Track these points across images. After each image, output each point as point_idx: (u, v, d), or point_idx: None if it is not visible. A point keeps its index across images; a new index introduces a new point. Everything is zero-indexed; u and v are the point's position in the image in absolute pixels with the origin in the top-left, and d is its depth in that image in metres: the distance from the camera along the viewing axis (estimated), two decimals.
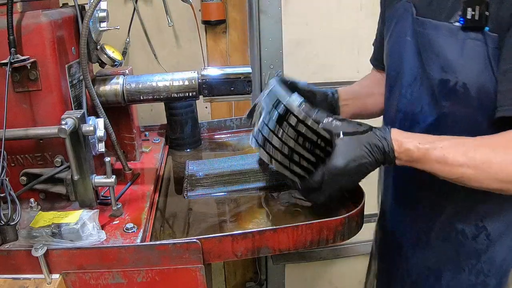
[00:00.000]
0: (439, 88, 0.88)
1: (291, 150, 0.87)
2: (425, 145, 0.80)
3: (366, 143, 0.82)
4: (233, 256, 0.85)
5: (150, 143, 1.41)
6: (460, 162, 0.77)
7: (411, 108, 0.96)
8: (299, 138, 0.87)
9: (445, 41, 0.86)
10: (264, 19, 1.68)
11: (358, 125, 0.85)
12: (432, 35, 0.88)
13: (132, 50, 1.69)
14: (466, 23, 0.82)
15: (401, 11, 0.98)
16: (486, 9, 0.79)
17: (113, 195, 0.95)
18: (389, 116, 1.06)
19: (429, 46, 0.89)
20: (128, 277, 0.82)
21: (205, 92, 1.12)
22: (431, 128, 0.91)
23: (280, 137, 0.87)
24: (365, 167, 0.82)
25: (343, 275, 2.21)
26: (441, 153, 0.79)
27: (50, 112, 0.95)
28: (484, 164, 0.76)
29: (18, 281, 0.81)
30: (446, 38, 0.85)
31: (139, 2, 1.64)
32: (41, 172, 0.96)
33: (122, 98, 1.12)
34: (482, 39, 0.80)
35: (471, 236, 0.93)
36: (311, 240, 0.86)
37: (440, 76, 0.87)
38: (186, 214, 1.08)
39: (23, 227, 0.87)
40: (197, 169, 1.27)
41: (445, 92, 0.87)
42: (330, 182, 0.83)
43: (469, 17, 0.81)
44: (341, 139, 0.82)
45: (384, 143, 0.82)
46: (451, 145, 0.79)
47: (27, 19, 0.91)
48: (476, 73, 0.83)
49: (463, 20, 0.82)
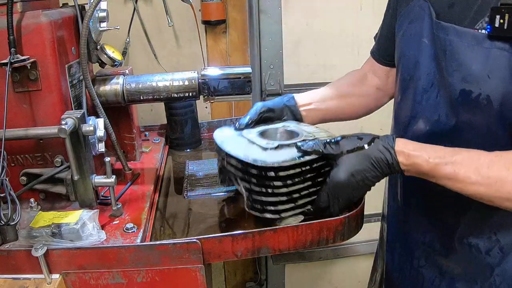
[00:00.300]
0: (460, 99, 0.83)
1: (297, 198, 0.89)
2: (435, 160, 0.78)
3: (369, 157, 0.81)
4: (233, 256, 0.85)
5: (150, 143, 1.41)
6: (472, 180, 0.75)
7: (427, 115, 0.91)
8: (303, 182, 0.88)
9: (468, 50, 0.80)
10: (264, 19, 1.68)
11: (358, 140, 0.84)
12: (454, 42, 0.82)
13: (132, 50, 1.69)
14: (494, 32, 0.76)
15: (416, 10, 0.93)
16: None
17: (113, 195, 0.95)
18: (400, 121, 1.01)
19: (450, 53, 0.83)
20: (128, 277, 0.82)
21: (205, 92, 1.12)
22: (448, 137, 0.87)
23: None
24: (369, 180, 0.82)
25: (343, 275, 2.20)
26: (452, 169, 0.76)
27: (50, 112, 0.95)
28: (497, 183, 0.74)
29: (18, 281, 0.81)
30: (470, 46, 0.80)
31: (139, 2, 1.64)
32: (41, 172, 0.96)
33: (122, 98, 1.12)
34: (509, 49, 0.75)
35: (485, 251, 0.90)
36: (311, 240, 0.86)
37: (462, 87, 0.82)
38: (186, 214, 1.08)
39: (23, 227, 0.87)
40: (197, 169, 1.27)
41: (465, 103, 0.82)
42: (336, 197, 0.84)
43: (497, 25, 0.75)
44: (342, 156, 0.83)
45: (388, 155, 0.80)
46: (463, 160, 0.76)
47: (27, 19, 0.91)
48: (501, 86, 0.77)
49: (490, 28, 0.76)
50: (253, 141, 0.95)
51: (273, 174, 0.85)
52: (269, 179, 0.86)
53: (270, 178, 0.86)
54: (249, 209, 0.92)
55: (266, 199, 0.88)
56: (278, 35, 1.70)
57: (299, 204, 0.89)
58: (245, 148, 0.93)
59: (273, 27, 1.69)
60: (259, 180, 0.87)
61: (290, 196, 0.88)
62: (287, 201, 0.88)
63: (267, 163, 0.85)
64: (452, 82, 0.83)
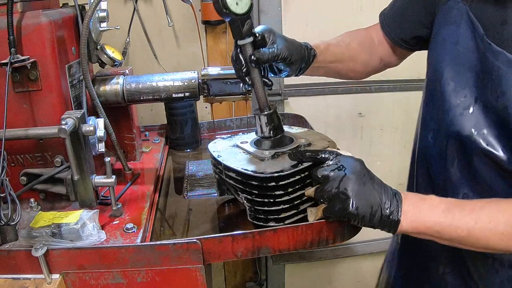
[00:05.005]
0: (499, 124, 0.79)
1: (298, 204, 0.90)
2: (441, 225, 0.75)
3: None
4: (233, 256, 0.85)
5: (150, 143, 1.41)
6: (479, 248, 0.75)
7: (457, 129, 0.85)
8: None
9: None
10: (264, 19, 1.68)
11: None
12: (504, 70, 0.77)
13: (132, 50, 1.69)
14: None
15: (453, 13, 0.87)
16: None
17: (113, 195, 0.95)
18: (428, 126, 0.96)
19: (497, 79, 0.78)
20: (128, 277, 0.82)
21: (205, 92, 1.12)
22: (478, 155, 0.83)
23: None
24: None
25: (343, 275, 2.21)
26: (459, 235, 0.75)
27: (50, 112, 0.95)
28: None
29: (18, 281, 0.81)
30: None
31: (139, 2, 1.64)
32: (41, 172, 0.96)
33: (122, 98, 1.12)
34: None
35: (508, 264, 0.88)
36: (311, 241, 0.86)
37: (503, 114, 0.77)
38: (186, 214, 1.08)
39: (23, 227, 0.87)
40: (197, 169, 1.27)
41: (504, 133, 0.78)
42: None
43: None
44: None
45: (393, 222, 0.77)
46: (471, 230, 0.74)
47: (27, 19, 0.91)
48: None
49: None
50: (249, 151, 0.96)
51: (274, 183, 0.86)
52: (270, 189, 0.86)
53: (271, 188, 0.86)
54: (252, 220, 0.93)
55: (269, 208, 0.89)
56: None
57: (302, 209, 0.90)
58: (242, 159, 0.94)
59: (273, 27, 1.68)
60: (261, 191, 0.88)
61: (292, 203, 0.89)
62: (289, 208, 0.89)
63: (267, 173, 0.86)
64: (493, 105, 0.79)
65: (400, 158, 2.02)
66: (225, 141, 1.05)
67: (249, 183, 0.88)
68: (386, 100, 1.93)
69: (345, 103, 1.90)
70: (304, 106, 1.85)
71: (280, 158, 0.91)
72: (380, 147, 2.01)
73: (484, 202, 0.76)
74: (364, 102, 1.91)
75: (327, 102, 1.89)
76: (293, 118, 1.47)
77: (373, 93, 1.89)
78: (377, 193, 0.78)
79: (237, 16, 0.86)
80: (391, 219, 0.77)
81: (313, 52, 1.02)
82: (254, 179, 0.87)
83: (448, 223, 0.75)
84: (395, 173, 2.05)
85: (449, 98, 0.87)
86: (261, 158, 0.92)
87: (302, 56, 0.98)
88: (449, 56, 0.87)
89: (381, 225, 0.78)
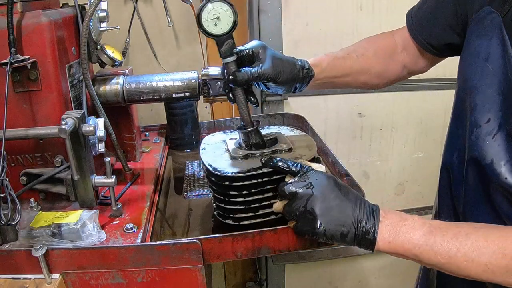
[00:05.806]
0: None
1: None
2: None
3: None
4: (233, 256, 0.85)
5: (150, 143, 1.41)
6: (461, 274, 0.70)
7: (477, 155, 0.81)
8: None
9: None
10: (264, 19, 1.68)
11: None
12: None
13: (132, 50, 1.69)
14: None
15: (486, 24, 0.81)
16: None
17: (113, 195, 0.95)
18: (453, 145, 0.91)
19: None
20: (128, 277, 0.82)
21: (205, 92, 1.12)
22: (498, 188, 0.78)
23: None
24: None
25: (343, 275, 2.21)
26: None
27: (50, 112, 0.95)
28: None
29: (18, 281, 0.81)
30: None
31: (139, 2, 1.64)
32: (41, 172, 0.96)
33: (122, 98, 1.12)
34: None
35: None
36: (311, 241, 0.86)
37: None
38: (186, 214, 1.08)
39: (23, 227, 0.87)
40: (197, 169, 1.27)
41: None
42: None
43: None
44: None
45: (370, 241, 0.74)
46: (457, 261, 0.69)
47: (27, 19, 0.91)
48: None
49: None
50: (228, 149, 0.97)
51: (228, 183, 0.88)
52: (225, 188, 0.88)
53: (226, 187, 0.88)
54: (216, 215, 0.95)
55: (225, 206, 0.91)
56: (278, 35, 1.70)
57: (261, 213, 0.91)
58: (218, 155, 0.96)
59: (273, 27, 1.69)
60: (219, 188, 0.90)
61: (248, 205, 0.90)
62: (246, 210, 0.90)
63: (223, 172, 0.88)
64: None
65: (400, 158, 2.02)
66: (221, 135, 1.07)
67: (210, 178, 0.91)
68: (386, 100, 1.93)
69: (345, 103, 1.90)
70: (304, 106, 1.85)
71: (251, 159, 0.92)
72: (380, 147, 2.01)
73: (472, 228, 0.72)
74: (364, 102, 1.91)
75: (327, 102, 1.89)
76: (293, 118, 1.47)
77: (373, 93, 1.89)
78: (351, 211, 0.75)
79: (215, 37, 0.88)
80: (367, 238, 0.74)
81: (310, 72, 0.97)
82: (213, 176, 0.90)
83: (427, 247, 0.71)
84: (395, 173, 2.05)
85: (473, 120, 0.81)
86: (232, 157, 0.94)
87: (294, 76, 0.94)
88: (478, 74, 0.82)
89: (356, 243, 0.75)
